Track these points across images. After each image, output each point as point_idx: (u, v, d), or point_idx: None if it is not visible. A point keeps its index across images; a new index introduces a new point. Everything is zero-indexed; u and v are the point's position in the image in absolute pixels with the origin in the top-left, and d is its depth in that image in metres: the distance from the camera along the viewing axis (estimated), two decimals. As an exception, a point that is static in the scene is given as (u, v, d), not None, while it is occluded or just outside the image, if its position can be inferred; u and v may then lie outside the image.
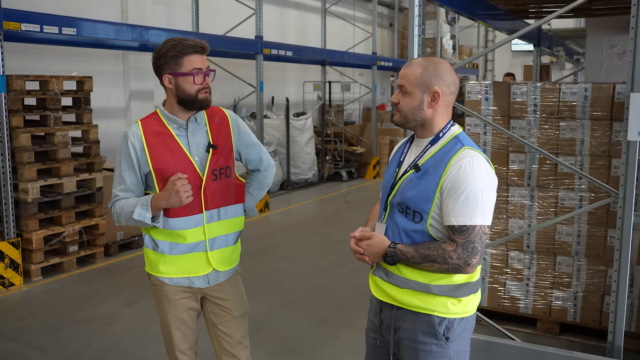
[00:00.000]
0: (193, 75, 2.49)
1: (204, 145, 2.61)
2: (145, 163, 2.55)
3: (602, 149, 4.21)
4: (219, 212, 2.65)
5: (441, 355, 2.18)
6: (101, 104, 8.52)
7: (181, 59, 2.49)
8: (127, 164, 2.57)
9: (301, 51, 11.13)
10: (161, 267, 2.65)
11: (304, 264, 6.45)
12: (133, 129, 2.58)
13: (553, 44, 9.02)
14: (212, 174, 2.60)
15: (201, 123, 2.63)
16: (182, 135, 2.59)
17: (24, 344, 4.48)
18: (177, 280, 2.67)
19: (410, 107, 2.18)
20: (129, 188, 2.59)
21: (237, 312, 2.79)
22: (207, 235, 2.62)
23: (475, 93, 4.57)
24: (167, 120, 2.60)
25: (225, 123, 2.70)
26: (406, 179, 2.20)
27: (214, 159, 2.61)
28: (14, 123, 5.78)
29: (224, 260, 2.71)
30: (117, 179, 2.61)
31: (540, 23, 3.87)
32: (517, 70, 21.33)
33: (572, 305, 4.41)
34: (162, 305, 2.71)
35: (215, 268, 2.67)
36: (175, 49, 2.49)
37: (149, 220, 2.51)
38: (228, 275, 2.76)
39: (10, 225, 5.70)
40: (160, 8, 9.99)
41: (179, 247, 2.61)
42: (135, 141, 2.55)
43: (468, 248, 2.06)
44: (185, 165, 2.55)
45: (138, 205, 2.50)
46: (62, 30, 6.25)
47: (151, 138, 2.56)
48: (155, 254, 2.66)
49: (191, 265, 2.64)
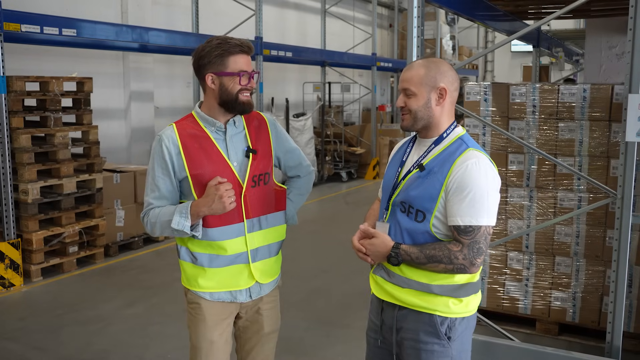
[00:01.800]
0: (239, 76, 2.37)
1: (242, 150, 2.46)
2: (182, 168, 2.39)
3: (600, 149, 4.22)
4: (260, 221, 2.50)
5: (443, 354, 2.19)
6: (101, 105, 8.54)
7: (227, 59, 2.36)
8: (162, 170, 2.41)
9: (301, 52, 11.14)
10: (201, 281, 2.46)
11: (304, 264, 6.45)
12: (167, 132, 2.42)
13: (552, 44, 9.04)
14: (252, 180, 2.45)
15: (239, 127, 2.49)
16: (220, 139, 2.44)
17: (24, 344, 4.48)
18: (218, 296, 2.47)
19: (418, 107, 2.18)
20: (163, 195, 2.43)
21: (268, 329, 2.62)
22: (249, 246, 2.46)
23: (474, 94, 4.58)
24: (204, 123, 2.44)
25: (264, 127, 2.56)
26: (410, 178, 2.20)
27: (254, 165, 2.46)
28: (14, 124, 5.79)
29: (267, 272, 2.54)
30: (149, 185, 2.44)
31: (540, 24, 3.89)
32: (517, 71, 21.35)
33: (571, 305, 4.42)
34: (196, 327, 2.50)
35: (258, 281, 2.50)
36: (220, 47, 2.36)
37: (188, 229, 2.34)
38: (271, 288, 2.61)
39: (10, 225, 5.71)
40: (160, 9, 10.00)
41: (219, 260, 2.44)
42: (170, 145, 2.39)
43: (474, 248, 2.08)
44: (223, 170, 2.39)
45: (176, 213, 2.33)
46: (62, 31, 6.26)
47: (187, 141, 2.40)
48: (193, 268, 2.47)
49: (233, 278, 2.46)
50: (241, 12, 10.32)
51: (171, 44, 8.32)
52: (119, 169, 7.22)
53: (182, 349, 4.33)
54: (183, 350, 4.31)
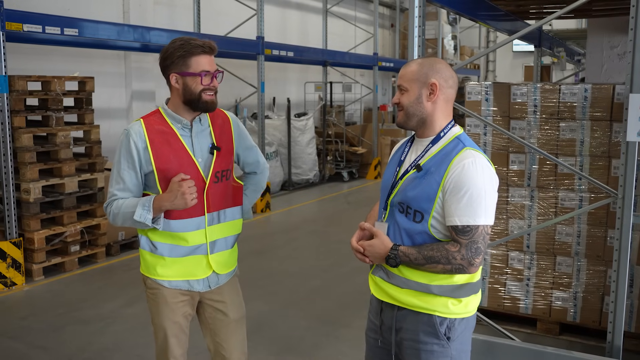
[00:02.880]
0: (201, 76, 2.45)
1: (207, 146, 2.57)
2: (148, 162, 2.49)
3: (601, 149, 4.22)
4: (219, 215, 2.62)
5: (443, 355, 2.19)
6: (103, 105, 8.55)
7: (189, 59, 2.45)
8: (128, 163, 2.49)
9: (302, 52, 11.15)
10: (159, 269, 2.58)
11: (305, 264, 6.46)
12: (135, 127, 2.50)
13: (554, 44, 9.04)
14: (215, 176, 2.57)
15: (205, 124, 2.60)
16: (186, 136, 2.54)
17: (25, 343, 4.49)
18: (176, 284, 2.60)
19: (409, 102, 2.19)
20: (127, 188, 2.51)
21: (234, 316, 2.74)
22: (208, 238, 2.58)
23: (476, 94, 4.58)
24: (171, 120, 2.55)
25: (227, 125, 2.67)
26: (408, 179, 2.20)
27: (218, 161, 2.58)
28: (16, 123, 5.80)
29: (224, 263, 2.67)
30: (115, 177, 2.53)
31: (541, 24, 3.89)
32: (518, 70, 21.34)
33: (572, 305, 4.42)
34: (158, 309, 2.62)
35: (215, 271, 2.63)
36: (182, 48, 2.45)
37: (149, 222, 2.44)
38: (228, 278, 2.73)
39: (12, 225, 5.72)
40: (161, 9, 10.01)
41: (179, 250, 2.56)
42: (137, 139, 2.48)
43: (472, 248, 2.07)
44: (188, 166, 2.51)
45: (139, 206, 2.43)
46: (64, 31, 6.27)
47: (154, 137, 2.49)
48: (152, 256, 2.59)
49: (191, 268, 2.59)
50: (243, 11, 10.33)
51: (173, 43, 8.31)
52: (120, 169, 7.21)
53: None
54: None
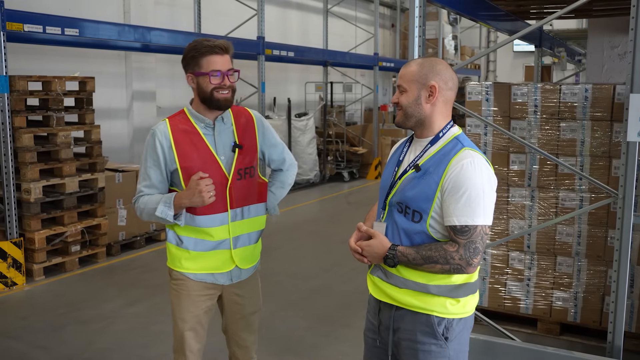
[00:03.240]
0: (209, 76, 2.53)
1: (230, 144, 2.65)
2: (172, 161, 2.59)
3: (602, 149, 4.22)
4: (243, 211, 2.71)
5: (440, 355, 2.19)
6: (103, 105, 8.55)
7: (200, 60, 2.54)
8: (153, 161, 2.60)
9: (303, 52, 11.15)
10: (184, 262, 2.69)
11: (305, 264, 6.46)
12: (161, 127, 2.61)
13: (554, 44, 9.04)
14: (238, 173, 2.66)
15: (227, 123, 2.68)
16: (209, 135, 2.63)
17: (26, 343, 4.50)
18: (201, 277, 2.70)
19: (408, 103, 2.19)
20: (153, 184, 2.62)
21: (250, 309, 2.85)
22: (231, 234, 2.67)
23: (476, 94, 4.58)
24: (195, 119, 2.64)
25: (250, 123, 2.75)
26: (406, 179, 2.20)
27: (240, 159, 2.66)
28: (17, 123, 5.81)
29: (246, 258, 2.77)
30: (142, 175, 2.64)
31: (541, 24, 3.89)
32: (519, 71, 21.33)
33: (573, 305, 4.42)
34: (180, 301, 2.73)
35: (237, 265, 2.73)
36: (194, 49, 2.55)
37: (171, 218, 2.56)
38: (250, 273, 2.82)
39: (13, 225, 5.72)
40: (162, 9, 10.02)
41: (204, 244, 2.66)
42: (162, 139, 2.59)
43: (470, 248, 2.07)
44: (211, 164, 2.60)
45: (161, 203, 2.55)
46: (64, 31, 6.28)
47: (179, 136, 2.60)
48: (178, 250, 2.71)
49: (215, 262, 2.69)
50: (243, 11, 10.34)
51: (173, 43, 8.33)
52: (121, 169, 7.23)
53: (183, 348, 4.34)
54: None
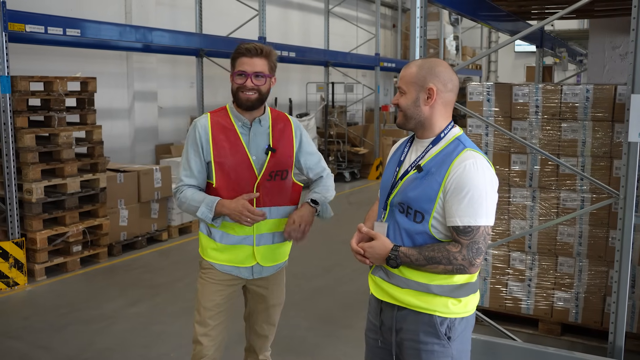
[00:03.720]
0: (234, 75, 2.71)
1: (263, 146, 2.77)
2: (208, 153, 2.73)
3: (603, 150, 4.21)
4: (270, 211, 2.79)
5: (443, 354, 2.19)
6: (105, 105, 8.56)
7: (235, 61, 2.72)
8: (194, 151, 2.76)
9: (304, 52, 11.15)
10: (211, 252, 2.83)
11: (307, 264, 6.46)
12: (202, 120, 2.78)
13: (556, 45, 9.03)
14: (269, 174, 2.76)
15: (265, 126, 2.80)
16: (244, 134, 2.77)
17: (28, 343, 4.50)
18: (226, 268, 2.82)
19: (407, 105, 2.20)
20: (193, 174, 2.77)
21: (272, 302, 2.96)
22: (255, 231, 2.78)
23: (477, 94, 4.58)
24: (234, 117, 2.78)
25: (288, 129, 2.86)
26: (408, 179, 2.20)
27: (272, 161, 2.77)
28: (19, 124, 5.81)
29: (268, 256, 2.85)
30: (183, 164, 2.80)
31: (543, 24, 3.89)
32: (520, 71, 21.33)
33: (574, 306, 4.42)
34: (204, 289, 2.84)
35: (259, 262, 2.82)
36: (233, 52, 2.75)
37: (209, 220, 2.70)
38: (272, 271, 2.91)
39: (14, 225, 5.73)
40: (163, 9, 10.02)
41: (229, 238, 2.78)
42: (202, 131, 2.75)
43: (473, 249, 2.08)
44: (243, 162, 2.73)
45: (203, 205, 2.69)
46: (66, 31, 6.29)
47: (217, 131, 2.75)
48: (207, 240, 2.83)
49: (238, 256, 2.80)
50: (245, 12, 10.34)
51: (175, 44, 8.34)
52: (122, 169, 7.23)
53: (184, 347, 4.34)
54: (186, 348, 4.32)
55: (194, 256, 6.98)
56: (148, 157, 9.74)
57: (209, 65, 9.88)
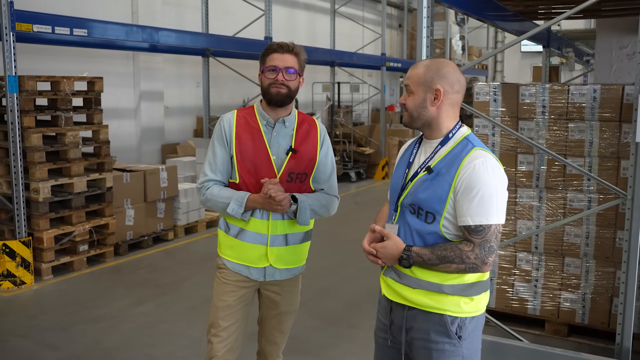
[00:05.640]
0: (265, 69, 2.72)
1: (285, 147, 2.75)
2: (231, 147, 2.75)
3: (610, 150, 4.20)
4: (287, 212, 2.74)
5: (454, 353, 2.20)
6: (111, 105, 8.59)
7: (265, 58, 2.75)
8: (219, 144, 2.77)
9: (310, 52, 11.02)
10: (225, 249, 2.82)
11: (313, 264, 6.41)
12: (228, 116, 2.81)
13: (562, 45, 9.00)
14: (289, 175, 2.74)
15: (289, 127, 2.79)
16: (268, 133, 2.76)
17: (34, 342, 4.52)
18: (237, 267, 2.79)
19: (414, 106, 2.21)
20: (218, 168, 2.77)
21: (285, 309, 2.90)
22: (270, 231, 2.74)
23: (484, 94, 4.57)
24: (260, 116, 2.79)
25: (313, 132, 2.83)
26: (418, 181, 2.21)
27: (291, 162, 2.74)
28: (26, 123, 5.84)
29: (281, 258, 2.79)
30: (208, 159, 2.80)
31: (550, 24, 3.88)
32: (527, 71, 21.27)
33: (581, 306, 4.40)
34: (217, 289, 2.83)
35: (271, 264, 2.77)
36: (264, 49, 2.78)
37: (239, 215, 2.69)
38: (287, 276, 2.84)
39: (21, 224, 5.76)
40: (170, 9, 10.05)
41: (244, 234, 2.76)
42: (226, 126, 2.77)
43: (485, 247, 2.09)
44: (263, 160, 2.72)
45: (233, 201, 2.68)
46: (73, 31, 6.30)
47: (241, 128, 2.76)
48: (225, 236, 2.82)
49: (251, 254, 2.76)
50: (251, 12, 10.35)
51: (181, 44, 8.36)
52: (128, 169, 7.25)
53: (191, 347, 4.35)
54: (191, 348, 4.33)
55: (200, 256, 7.02)
56: (154, 157, 9.76)
57: (215, 65, 9.90)
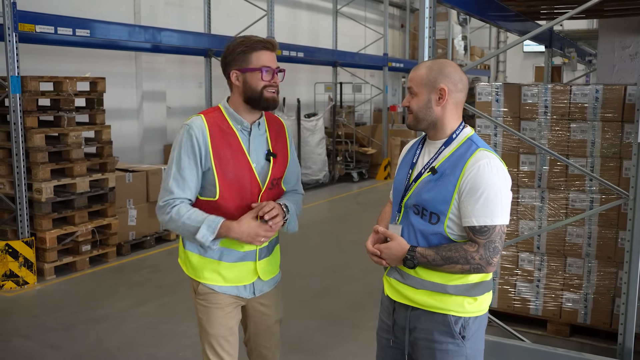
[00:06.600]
0: (261, 71, 2.39)
1: (262, 152, 2.50)
2: (207, 159, 2.39)
3: (613, 150, 4.19)
4: None
5: (458, 354, 2.20)
6: (114, 105, 8.60)
7: (249, 55, 2.39)
8: (189, 159, 2.38)
9: (312, 52, 11.15)
10: (209, 274, 2.50)
11: (315, 264, 6.46)
12: (197, 122, 2.40)
13: (565, 45, 8.99)
14: (271, 183, 2.50)
15: (262, 129, 2.53)
16: (244, 138, 2.46)
17: (37, 341, 4.53)
18: (225, 289, 2.52)
19: (419, 107, 2.20)
20: (187, 186, 2.40)
21: (276, 317, 2.73)
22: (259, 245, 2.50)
23: (486, 94, 4.57)
24: (232, 120, 2.46)
25: (282, 133, 2.61)
26: (423, 181, 2.21)
27: (275, 168, 2.51)
28: (29, 123, 5.85)
29: (268, 269, 2.61)
30: (173, 175, 2.40)
31: (552, 24, 3.87)
32: (529, 71, 21.25)
33: (583, 307, 4.40)
34: (209, 316, 2.53)
35: (260, 277, 2.57)
36: (243, 44, 2.40)
37: (209, 242, 2.37)
38: (272, 285, 2.67)
39: (24, 224, 5.77)
40: (172, 9, 10.06)
41: (231, 255, 2.49)
42: (199, 134, 2.38)
43: (490, 248, 2.09)
44: (245, 170, 2.44)
45: (204, 226, 2.34)
46: (75, 31, 6.32)
47: (215, 134, 2.40)
48: (201, 259, 2.51)
49: (240, 273, 2.52)
50: (253, 12, 10.36)
51: (183, 44, 8.37)
52: (131, 169, 7.27)
53: (192, 347, 4.35)
54: (193, 348, 4.33)
55: (202, 256, 7.02)
56: (156, 157, 9.78)
57: (217, 65, 9.87)
